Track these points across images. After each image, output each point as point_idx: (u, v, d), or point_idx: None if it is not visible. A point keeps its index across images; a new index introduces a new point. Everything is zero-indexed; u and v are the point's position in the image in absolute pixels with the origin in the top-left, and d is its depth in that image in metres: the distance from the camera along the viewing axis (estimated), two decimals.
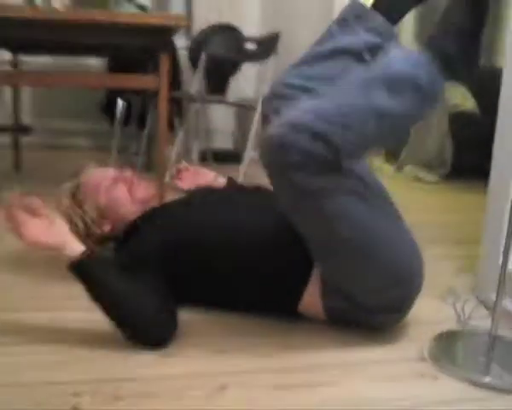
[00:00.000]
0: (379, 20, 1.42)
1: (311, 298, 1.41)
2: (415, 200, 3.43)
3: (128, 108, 4.14)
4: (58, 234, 1.31)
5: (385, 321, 1.44)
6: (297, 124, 1.20)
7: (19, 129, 3.74)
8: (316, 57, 1.45)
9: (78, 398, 1.13)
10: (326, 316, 1.43)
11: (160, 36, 2.44)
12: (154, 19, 2.40)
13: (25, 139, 3.95)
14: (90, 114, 4.74)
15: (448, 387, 1.25)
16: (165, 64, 2.46)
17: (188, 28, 4.96)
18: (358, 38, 1.42)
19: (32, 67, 4.36)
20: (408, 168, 4.33)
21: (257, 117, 3.21)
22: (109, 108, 4.30)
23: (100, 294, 1.30)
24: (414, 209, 2.05)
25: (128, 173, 1.72)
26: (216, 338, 1.41)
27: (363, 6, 1.44)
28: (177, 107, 3.89)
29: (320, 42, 1.47)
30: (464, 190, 3.73)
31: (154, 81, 2.52)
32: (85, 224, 1.63)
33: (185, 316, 1.44)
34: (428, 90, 1.26)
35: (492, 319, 1.36)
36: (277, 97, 1.44)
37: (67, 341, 1.36)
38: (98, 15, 2.32)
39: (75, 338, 1.37)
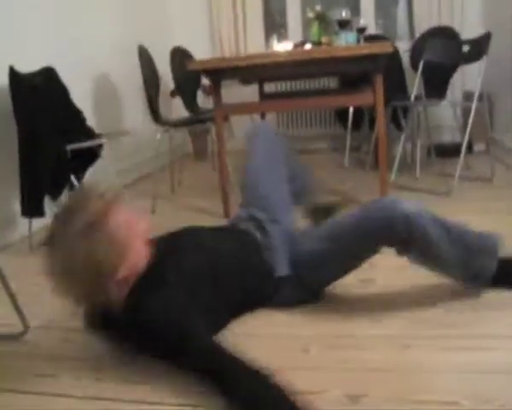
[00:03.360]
0: None
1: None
2: None
3: (360, 113, 4.72)
4: None
5: None
6: None
7: None
8: None
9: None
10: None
11: (371, 62, 2.92)
12: (363, 49, 2.89)
13: None
14: (328, 121, 5.45)
15: None
16: (378, 83, 2.94)
17: (411, 31, 5.34)
18: None
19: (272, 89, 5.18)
20: None
21: (472, 113, 3.47)
22: (343, 114, 4.93)
23: None
24: None
25: (146, 224, 1.69)
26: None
27: None
28: (403, 109, 4.33)
29: None
30: None
31: (370, 98, 3.01)
32: (108, 267, 1.54)
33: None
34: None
35: None
36: None
37: None
38: (317, 53, 2.91)
39: None
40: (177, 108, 5.16)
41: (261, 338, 1.78)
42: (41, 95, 2.94)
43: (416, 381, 1.47)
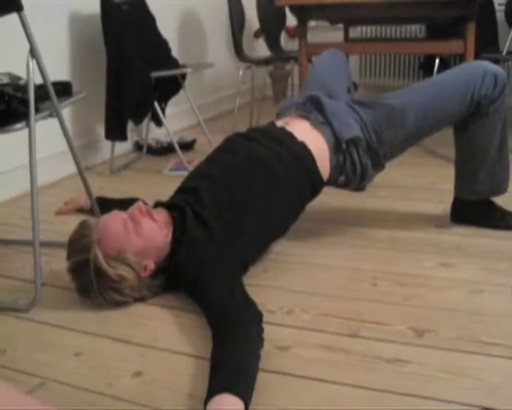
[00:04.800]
0: None
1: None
2: None
3: (446, 66, 4.55)
4: None
5: None
6: None
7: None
8: None
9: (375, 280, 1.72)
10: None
11: (464, 7, 2.79)
12: None
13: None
14: (410, 72, 5.27)
15: None
16: (470, 31, 2.82)
17: None
18: None
19: (357, 35, 5.05)
20: None
21: None
22: (428, 67, 4.76)
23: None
24: None
25: (137, 206, 1.65)
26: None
27: None
28: (494, 62, 4.14)
29: None
30: None
31: (460, 46, 2.90)
32: (135, 272, 1.59)
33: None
34: None
35: None
36: None
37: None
38: None
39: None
40: (259, 50, 5.15)
41: (333, 269, 1.81)
42: (129, 23, 3.01)
43: (484, 324, 1.46)
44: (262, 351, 1.31)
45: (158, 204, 1.79)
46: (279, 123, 1.94)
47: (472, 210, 2.08)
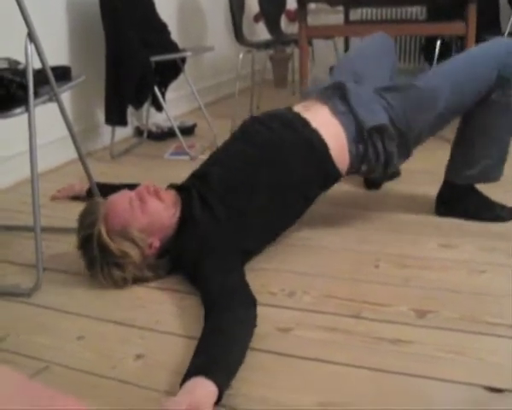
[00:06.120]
0: None
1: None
2: None
3: (447, 49, 4.52)
4: None
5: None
6: None
7: None
8: None
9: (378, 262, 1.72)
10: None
11: None
12: None
13: None
14: (411, 55, 5.24)
15: None
16: (471, 13, 2.80)
17: None
18: None
19: (357, 17, 5.02)
20: None
21: None
22: (429, 50, 4.73)
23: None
24: None
25: (145, 185, 1.69)
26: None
27: None
28: None
29: None
30: None
31: (461, 28, 2.88)
32: (139, 249, 1.62)
33: None
34: None
35: None
36: None
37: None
38: None
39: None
40: (260, 34, 5.13)
41: (336, 252, 1.82)
42: (128, 6, 2.98)
43: (485, 304, 1.46)
44: (263, 332, 1.31)
45: (169, 186, 1.81)
46: (297, 107, 1.87)
47: (461, 199, 2.01)
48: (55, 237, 2.01)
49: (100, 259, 1.59)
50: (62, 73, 2.01)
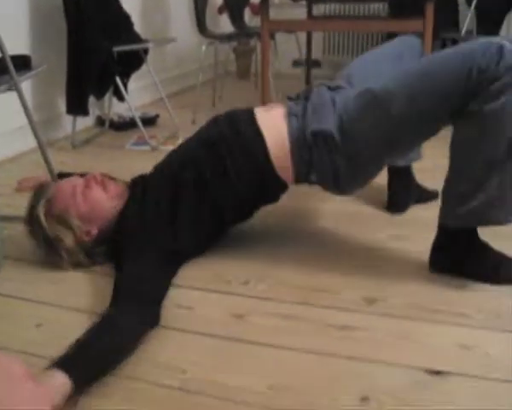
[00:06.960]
0: None
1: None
2: None
3: None
4: None
5: None
6: None
7: (311, 63, 4.48)
8: None
9: None
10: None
11: None
12: None
13: (315, 72, 4.70)
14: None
15: None
16: (429, 11, 2.88)
17: None
18: None
19: (320, 12, 5.09)
20: None
21: None
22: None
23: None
24: None
25: (93, 175, 1.73)
26: None
27: None
28: (453, 44, 4.23)
29: None
30: None
31: (419, 25, 2.96)
32: (75, 234, 1.66)
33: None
34: None
35: None
36: None
37: None
38: None
39: None
40: (223, 26, 5.14)
41: (290, 241, 1.88)
42: None
43: (431, 292, 1.54)
44: (217, 319, 1.36)
45: (132, 179, 1.84)
46: (258, 108, 1.79)
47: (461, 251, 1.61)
48: (15, 225, 2.00)
49: (38, 240, 1.68)
50: (22, 63, 2.02)
